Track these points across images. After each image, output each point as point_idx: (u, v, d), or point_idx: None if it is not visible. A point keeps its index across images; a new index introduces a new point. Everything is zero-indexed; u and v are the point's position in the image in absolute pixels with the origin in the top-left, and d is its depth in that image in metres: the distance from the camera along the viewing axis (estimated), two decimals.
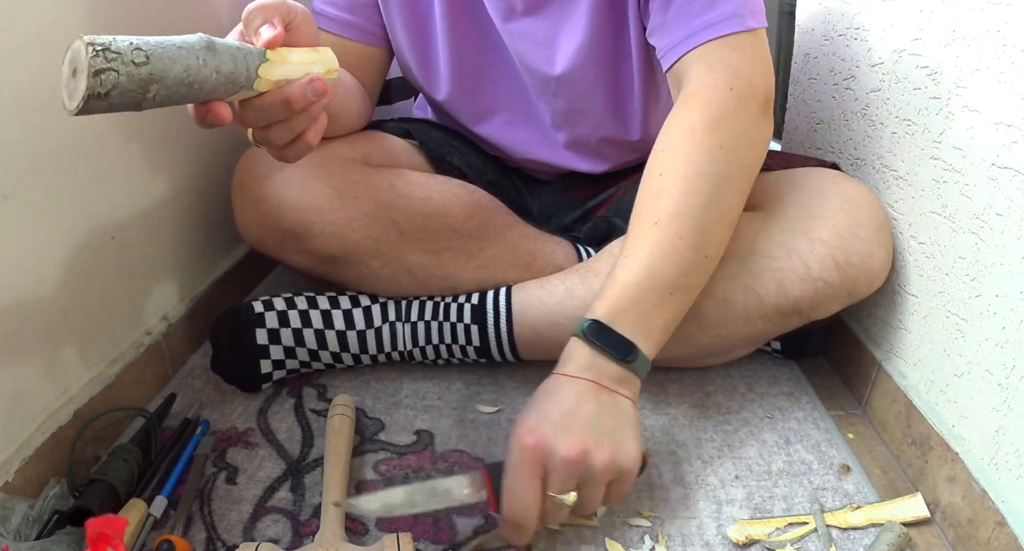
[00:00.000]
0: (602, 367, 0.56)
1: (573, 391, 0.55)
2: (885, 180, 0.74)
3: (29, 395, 0.60)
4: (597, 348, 0.57)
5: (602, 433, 0.54)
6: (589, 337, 0.57)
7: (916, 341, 0.68)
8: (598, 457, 0.52)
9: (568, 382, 0.56)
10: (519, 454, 0.52)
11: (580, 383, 0.56)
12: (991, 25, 0.58)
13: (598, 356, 0.57)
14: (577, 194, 0.90)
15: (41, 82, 0.58)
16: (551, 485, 0.52)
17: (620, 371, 0.57)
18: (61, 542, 0.52)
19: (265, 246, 0.75)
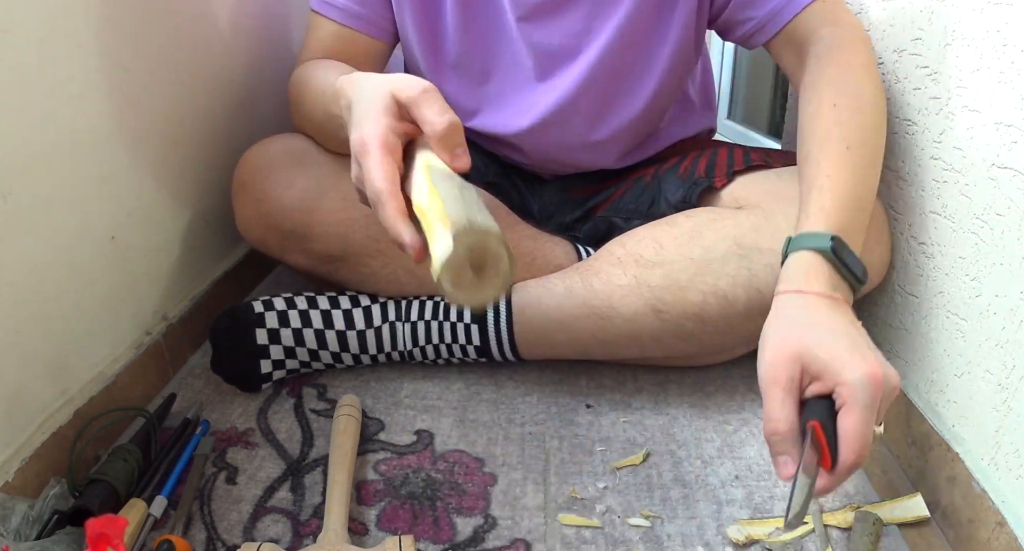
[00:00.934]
0: (841, 288, 0.54)
1: (848, 315, 0.52)
2: (885, 180, 0.74)
3: (29, 395, 0.60)
4: (839, 268, 0.54)
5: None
6: (835, 255, 0.54)
7: (916, 341, 0.68)
8: (895, 381, 0.49)
9: (832, 305, 0.52)
10: (867, 389, 0.47)
11: (843, 305, 0.53)
12: (991, 25, 0.58)
13: (839, 280, 0.54)
14: (577, 194, 0.90)
15: (41, 82, 0.58)
16: (879, 416, 0.49)
17: (850, 296, 0.55)
18: (61, 542, 0.52)
19: (266, 246, 0.75)
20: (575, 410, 0.75)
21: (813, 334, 0.50)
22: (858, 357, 0.48)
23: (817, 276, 0.54)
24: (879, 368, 0.48)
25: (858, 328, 0.52)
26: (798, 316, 0.52)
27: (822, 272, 0.54)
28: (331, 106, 0.61)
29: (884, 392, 0.48)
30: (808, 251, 0.55)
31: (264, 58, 1.00)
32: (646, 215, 0.82)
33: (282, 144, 0.75)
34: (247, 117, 0.94)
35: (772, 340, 0.52)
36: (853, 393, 0.47)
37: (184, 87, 0.79)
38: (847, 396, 0.47)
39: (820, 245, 0.55)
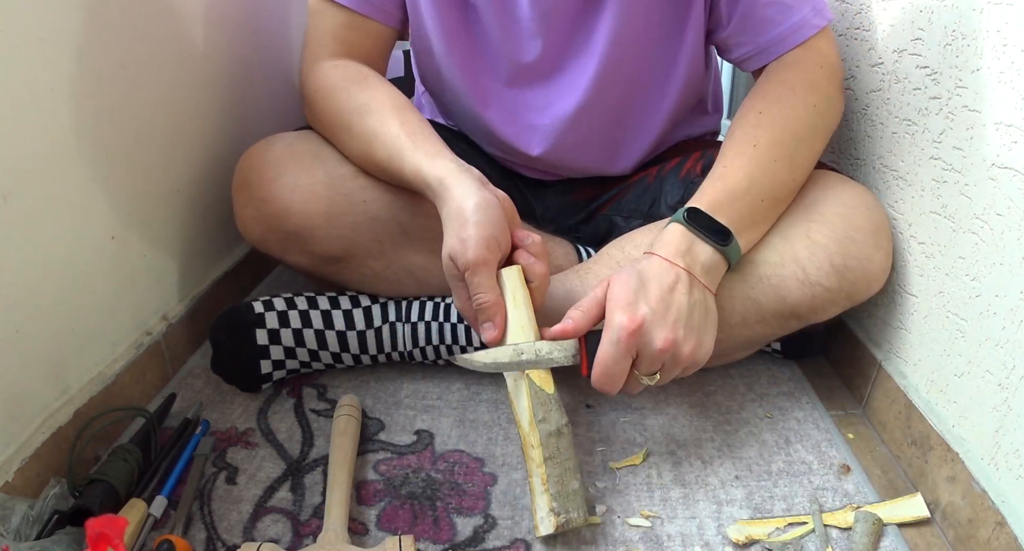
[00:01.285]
0: (697, 252, 0.62)
1: (670, 277, 0.60)
2: (885, 180, 0.74)
3: (29, 395, 0.60)
4: (695, 232, 0.62)
5: (691, 328, 0.59)
6: (689, 221, 0.62)
7: (916, 341, 0.68)
8: (684, 349, 0.58)
9: (667, 268, 0.60)
10: (618, 332, 0.57)
11: (677, 272, 0.60)
12: (991, 25, 0.58)
13: (696, 240, 0.62)
14: (579, 197, 0.90)
15: (41, 82, 0.58)
16: (640, 366, 0.59)
17: (713, 256, 0.62)
18: (61, 542, 0.52)
19: (266, 246, 0.74)
20: (575, 410, 0.75)
21: (619, 281, 0.60)
22: (628, 307, 0.57)
23: (668, 243, 0.62)
24: (637, 321, 0.57)
25: (685, 296, 0.59)
26: (632, 271, 0.60)
27: (674, 240, 0.62)
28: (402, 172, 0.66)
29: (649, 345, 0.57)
30: (672, 222, 0.64)
31: (263, 57, 1.00)
32: (646, 215, 0.82)
33: (285, 145, 0.74)
34: (247, 116, 0.94)
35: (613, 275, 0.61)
36: (607, 331, 0.58)
37: (183, 87, 0.79)
38: (605, 331, 0.58)
39: (676, 217, 0.63)
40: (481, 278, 0.59)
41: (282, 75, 1.06)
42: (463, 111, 0.84)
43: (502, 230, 0.60)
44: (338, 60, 0.76)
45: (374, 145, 0.68)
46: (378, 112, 0.69)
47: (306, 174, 0.71)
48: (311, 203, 0.70)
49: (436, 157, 0.64)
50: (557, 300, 0.72)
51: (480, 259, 0.58)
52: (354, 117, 0.71)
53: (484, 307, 0.59)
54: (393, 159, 0.67)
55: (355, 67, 0.75)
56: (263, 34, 0.99)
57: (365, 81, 0.74)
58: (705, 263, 0.62)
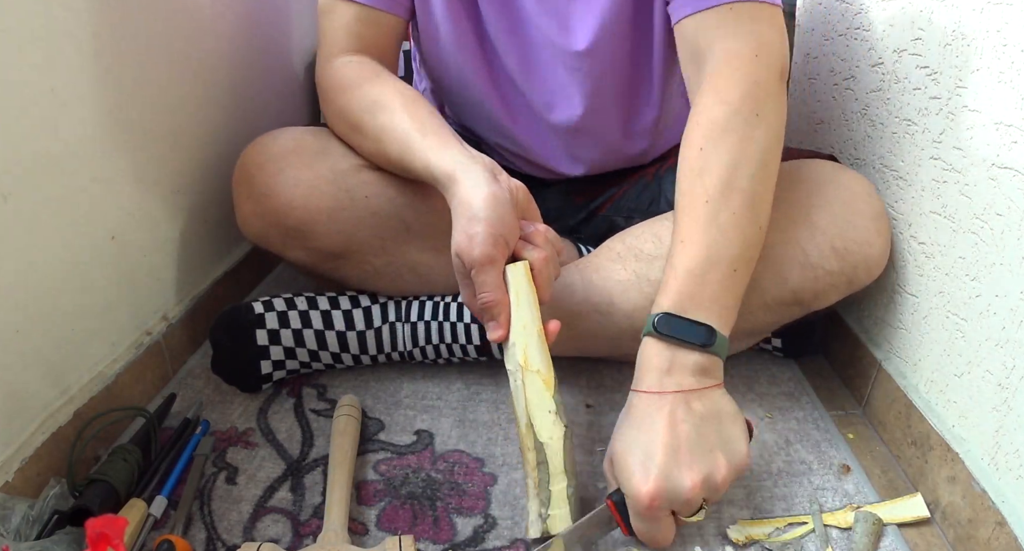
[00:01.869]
0: (683, 362, 0.56)
1: (664, 415, 0.55)
2: (885, 180, 0.74)
3: (29, 395, 0.60)
4: (673, 341, 0.56)
5: (711, 450, 0.54)
6: (662, 331, 0.56)
7: (916, 341, 0.68)
8: (718, 477, 0.54)
9: (655, 404, 0.55)
10: (639, 509, 0.53)
11: (666, 400, 0.55)
12: (991, 25, 0.58)
13: (677, 350, 0.56)
14: (579, 197, 0.90)
15: (40, 82, 0.58)
16: (681, 513, 0.55)
17: (702, 359, 0.56)
18: (61, 542, 0.52)
19: (266, 241, 0.74)
20: (575, 410, 0.75)
21: (620, 444, 0.56)
22: (639, 475, 0.53)
23: (648, 367, 0.57)
24: (652, 492, 0.52)
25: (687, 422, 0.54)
26: (627, 423, 0.57)
27: (653, 358, 0.57)
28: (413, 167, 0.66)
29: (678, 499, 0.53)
30: (645, 337, 0.58)
31: (264, 57, 1.00)
32: (646, 213, 0.82)
33: (288, 140, 0.74)
34: (247, 116, 0.94)
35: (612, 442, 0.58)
36: (631, 503, 0.54)
37: (183, 86, 0.79)
38: (629, 505, 0.55)
39: (647, 328, 0.58)
40: (486, 276, 0.58)
41: (283, 74, 1.06)
42: (471, 102, 0.84)
43: (510, 226, 0.59)
44: (351, 56, 0.76)
45: (385, 141, 0.68)
46: (388, 108, 0.69)
47: (308, 169, 0.71)
48: (312, 198, 0.70)
49: (444, 149, 0.64)
50: (557, 295, 0.72)
51: (486, 257, 0.57)
52: (365, 115, 0.71)
53: (488, 306, 0.59)
54: (404, 154, 0.66)
55: (368, 63, 0.75)
56: (264, 34, 0.99)
57: (377, 77, 0.73)
58: (695, 368, 0.56)
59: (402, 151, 0.67)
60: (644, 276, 0.70)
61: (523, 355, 0.59)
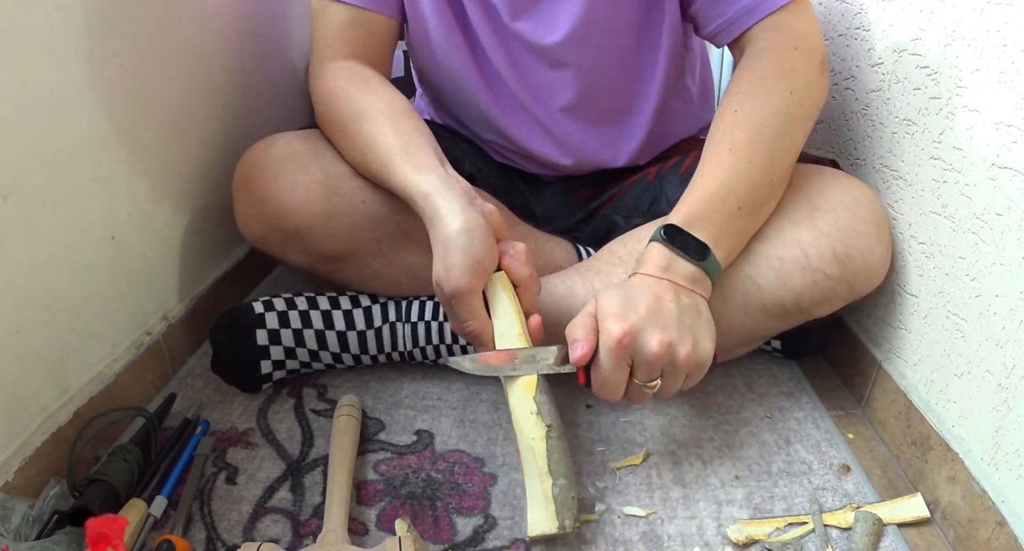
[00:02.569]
0: (678, 268, 0.61)
1: (655, 289, 0.60)
2: (885, 180, 0.74)
3: (29, 395, 0.60)
4: (674, 249, 0.62)
5: (684, 328, 0.59)
6: (666, 239, 0.62)
7: (916, 341, 0.68)
8: (681, 350, 0.58)
9: (650, 281, 0.60)
10: (609, 341, 0.57)
11: (661, 283, 0.60)
12: (991, 25, 0.58)
13: (675, 257, 0.62)
14: (579, 196, 0.90)
15: (40, 82, 0.58)
16: (638, 374, 0.59)
17: (695, 271, 0.62)
18: (61, 542, 0.52)
19: (266, 244, 0.74)
20: (575, 410, 0.75)
21: (606, 296, 0.60)
22: (617, 316, 0.57)
23: (649, 261, 0.62)
24: (627, 327, 0.57)
25: (672, 302, 0.59)
26: (618, 289, 0.61)
27: (653, 258, 0.62)
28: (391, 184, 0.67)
29: (644, 349, 0.57)
30: (651, 242, 0.64)
31: (264, 57, 1.00)
32: (646, 214, 0.82)
33: (286, 144, 0.74)
34: (247, 116, 0.94)
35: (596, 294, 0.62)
36: (601, 339, 0.58)
37: (183, 87, 0.79)
38: (600, 341, 0.58)
39: (654, 236, 0.63)
40: (465, 305, 0.60)
41: (283, 75, 1.06)
42: (462, 99, 0.84)
43: (487, 251, 0.61)
44: (344, 61, 0.76)
45: (367, 153, 0.69)
46: (374, 119, 0.70)
47: (305, 173, 0.71)
48: (310, 202, 0.71)
49: (423, 171, 0.65)
50: (558, 297, 0.72)
51: (464, 287, 0.59)
52: (351, 123, 0.71)
53: (473, 334, 0.61)
54: (383, 169, 0.68)
55: (359, 69, 0.75)
56: (264, 35, 0.99)
57: (367, 84, 0.74)
58: (687, 276, 0.61)
59: (381, 166, 0.68)
60: None
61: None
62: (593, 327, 0.59)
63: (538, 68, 0.79)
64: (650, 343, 0.57)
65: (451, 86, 0.83)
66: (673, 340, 0.57)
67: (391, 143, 0.68)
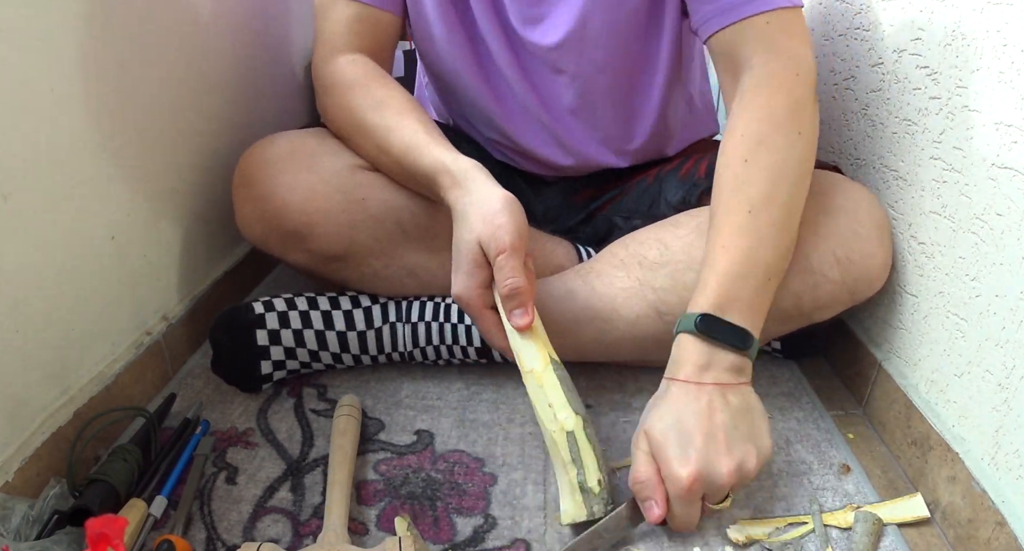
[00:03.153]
0: (720, 361, 0.58)
1: (702, 403, 0.57)
2: (885, 180, 0.74)
3: (29, 395, 0.60)
4: (714, 342, 0.58)
5: (744, 440, 0.56)
6: (703, 331, 0.58)
7: (916, 341, 0.68)
8: (750, 465, 0.56)
9: (692, 392, 0.57)
10: (679, 491, 0.54)
11: (704, 390, 0.57)
12: (991, 25, 0.58)
13: (716, 351, 0.58)
14: (580, 197, 0.90)
15: (40, 82, 0.58)
16: (711, 500, 0.56)
17: (738, 360, 0.59)
18: (61, 542, 0.52)
19: (266, 244, 0.74)
20: None
21: (656, 429, 0.57)
22: (679, 458, 0.55)
23: (687, 360, 0.59)
24: (693, 472, 0.54)
25: (723, 412, 0.56)
26: (664, 408, 0.58)
27: (692, 354, 0.59)
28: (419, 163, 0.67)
29: (714, 485, 0.55)
30: (683, 333, 0.60)
31: (264, 57, 1.00)
32: (646, 215, 0.82)
33: (286, 143, 0.74)
34: (247, 116, 0.94)
35: (645, 421, 0.59)
36: (668, 488, 0.55)
37: (183, 86, 0.79)
38: (667, 488, 0.56)
39: (688, 327, 0.59)
40: (516, 262, 0.58)
41: (283, 75, 1.06)
42: (466, 98, 0.84)
43: (527, 226, 0.61)
44: (352, 54, 0.76)
45: (391, 137, 0.69)
46: (396, 109, 0.71)
47: (305, 172, 0.71)
48: (310, 201, 0.71)
49: (456, 153, 0.66)
50: (558, 299, 0.72)
51: (516, 244, 0.59)
52: (370, 112, 0.72)
53: (518, 291, 0.59)
54: (411, 150, 0.68)
55: (372, 65, 0.76)
56: (264, 34, 0.99)
57: (383, 79, 0.75)
58: (730, 367, 0.59)
59: (409, 148, 0.68)
60: (648, 284, 0.70)
61: (518, 358, 0.61)
62: (657, 478, 0.56)
63: (541, 70, 0.79)
64: (720, 475, 0.54)
65: (454, 84, 0.84)
66: (740, 462, 0.55)
67: (417, 128, 0.68)
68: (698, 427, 0.55)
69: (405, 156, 0.68)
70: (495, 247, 0.59)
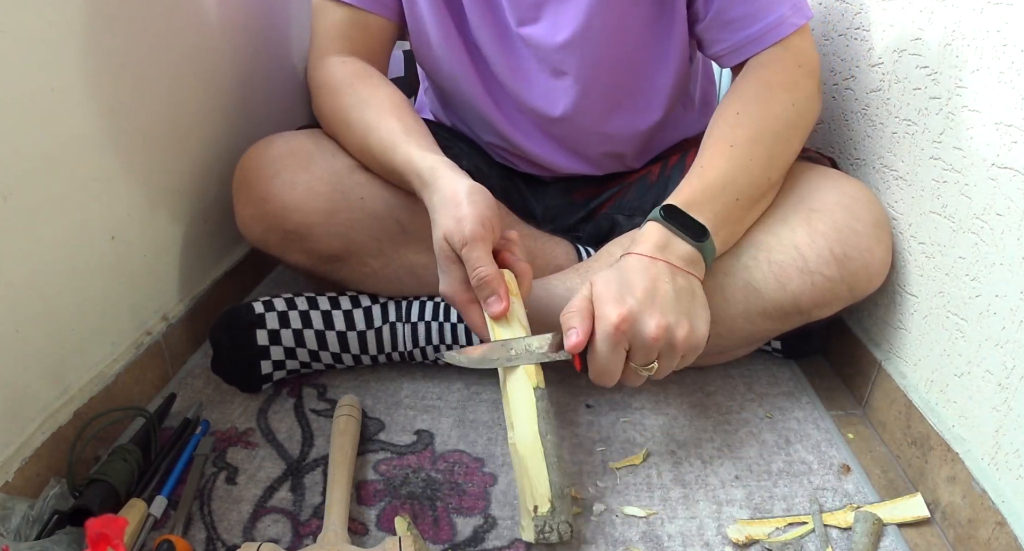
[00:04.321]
0: (675, 247, 0.62)
1: (651, 271, 0.60)
2: (885, 180, 0.74)
3: (29, 395, 0.60)
4: (671, 229, 0.62)
5: (680, 312, 0.59)
6: (665, 218, 0.62)
7: (916, 341, 0.68)
8: (679, 333, 0.58)
9: (646, 262, 0.60)
10: (607, 327, 0.57)
11: (657, 264, 0.60)
12: (991, 25, 0.58)
13: (672, 237, 0.62)
14: (579, 196, 0.90)
15: (40, 82, 0.58)
16: (635, 358, 0.59)
17: (691, 252, 0.62)
18: (61, 542, 0.52)
19: (266, 244, 0.75)
20: (575, 410, 0.75)
21: (601, 279, 0.60)
22: (614, 301, 0.57)
23: (646, 240, 0.62)
24: (624, 312, 0.56)
25: (668, 283, 0.59)
26: (614, 270, 0.61)
27: (651, 235, 0.62)
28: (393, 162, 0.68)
29: (641, 335, 0.57)
30: (649, 221, 0.64)
31: (263, 57, 1.00)
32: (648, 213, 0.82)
33: (284, 143, 0.75)
34: (246, 116, 0.94)
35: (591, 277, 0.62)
36: (597, 325, 0.58)
37: (183, 86, 0.79)
38: (596, 327, 0.58)
39: (654, 215, 0.63)
40: (480, 252, 0.59)
41: (283, 75, 1.06)
42: (464, 102, 0.84)
43: (495, 213, 0.61)
44: (344, 56, 0.77)
45: (370, 137, 0.70)
46: (377, 107, 0.71)
47: (304, 172, 0.72)
48: (309, 201, 0.71)
49: (428, 151, 0.66)
50: (557, 298, 0.72)
51: (477, 234, 0.59)
52: (353, 111, 0.72)
53: (486, 281, 0.59)
54: (386, 150, 0.68)
55: (361, 65, 0.77)
56: (264, 34, 0.99)
57: (369, 79, 0.75)
58: (683, 256, 0.62)
59: (385, 148, 0.68)
60: None
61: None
62: (588, 312, 0.59)
63: (539, 73, 0.79)
64: (648, 327, 0.57)
65: (453, 89, 0.84)
66: (671, 323, 0.57)
67: (394, 127, 0.69)
68: (640, 284, 0.58)
69: (383, 155, 0.69)
70: (458, 241, 0.59)
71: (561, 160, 0.85)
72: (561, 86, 0.79)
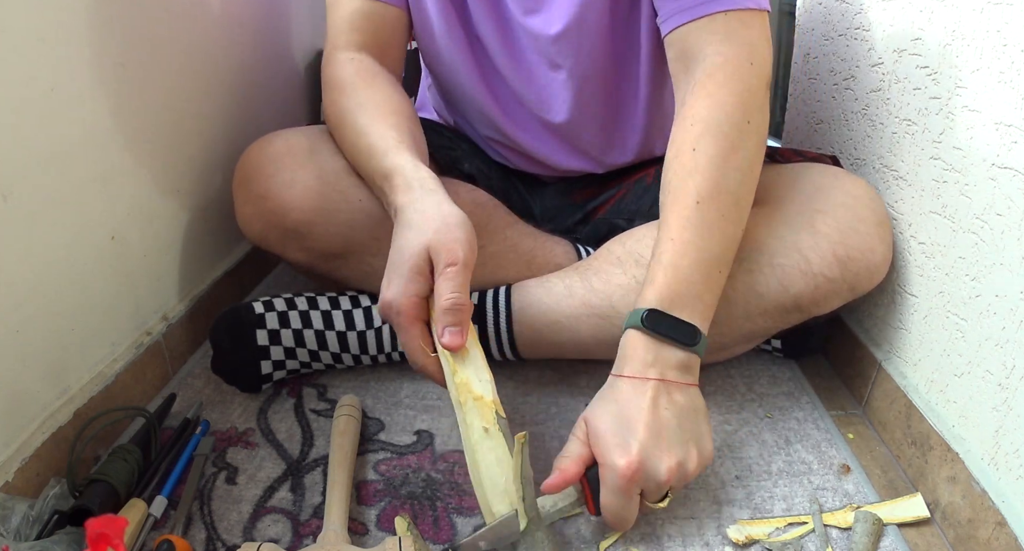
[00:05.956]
0: (667, 357, 0.57)
1: (647, 398, 0.56)
2: (885, 180, 0.74)
3: (29, 395, 0.60)
4: (660, 338, 0.57)
5: (688, 440, 0.56)
6: (649, 327, 0.57)
7: (916, 341, 0.68)
8: (689, 467, 0.55)
9: (638, 387, 0.56)
10: (616, 479, 0.53)
11: (649, 386, 0.56)
12: (991, 25, 0.58)
13: (662, 346, 0.57)
14: (578, 197, 0.90)
15: (40, 81, 0.58)
16: (649, 497, 0.56)
17: (684, 359, 0.58)
18: (61, 542, 0.52)
19: (266, 242, 0.75)
20: (575, 410, 0.75)
21: (597, 417, 0.56)
22: (618, 448, 0.54)
23: (633, 356, 0.58)
24: (634, 463, 0.53)
25: (668, 408, 0.56)
26: (608, 402, 0.57)
27: (638, 350, 0.57)
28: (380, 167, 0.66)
29: (653, 479, 0.54)
30: (629, 329, 0.59)
31: (264, 56, 1.00)
32: (647, 216, 0.82)
33: (284, 141, 0.74)
34: (248, 116, 0.94)
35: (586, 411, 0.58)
36: (605, 476, 0.54)
37: (183, 86, 0.79)
38: (603, 477, 0.55)
39: (634, 322, 0.58)
40: (465, 279, 0.57)
41: (284, 75, 1.06)
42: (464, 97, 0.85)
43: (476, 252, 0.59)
44: (355, 52, 0.76)
45: (359, 142, 0.69)
46: (372, 113, 0.71)
47: (303, 170, 0.72)
48: (308, 199, 0.71)
49: (420, 163, 0.65)
50: (557, 297, 0.73)
51: (471, 260, 0.57)
52: (347, 114, 0.72)
53: (463, 309, 0.57)
54: (375, 153, 0.67)
55: (368, 63, 0.76)
56: (264, 34, 0.99)
57: (373, 80, 0.75)
58: (677, 366, 0.57)
59: (372, 151, 0.67)
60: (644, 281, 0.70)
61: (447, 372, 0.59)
62: (583, 457, 0.56)
63: (538, 66, 0.79)
64: (659, 471, 0.54)
65: (453, 82, 0.84)
66: (681, 460, 0.54)
67: (386, 133, 0.68)
68: (642, 420, 0.55)
69: (370, 160, 0.67)
70: (447, 258, 0.56)
71: (559, 156, 0.85)
72: (559, 79, 0.79)
